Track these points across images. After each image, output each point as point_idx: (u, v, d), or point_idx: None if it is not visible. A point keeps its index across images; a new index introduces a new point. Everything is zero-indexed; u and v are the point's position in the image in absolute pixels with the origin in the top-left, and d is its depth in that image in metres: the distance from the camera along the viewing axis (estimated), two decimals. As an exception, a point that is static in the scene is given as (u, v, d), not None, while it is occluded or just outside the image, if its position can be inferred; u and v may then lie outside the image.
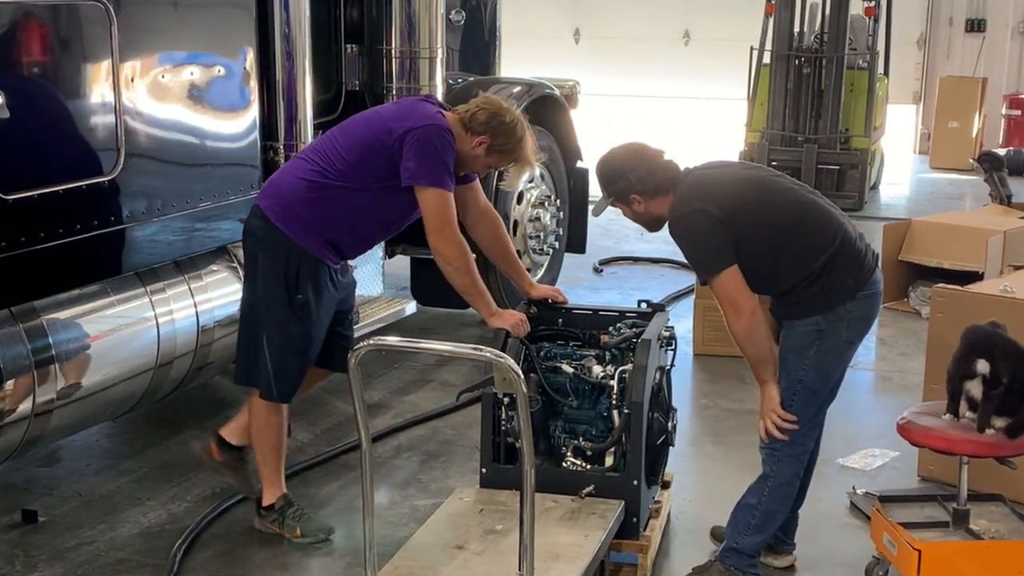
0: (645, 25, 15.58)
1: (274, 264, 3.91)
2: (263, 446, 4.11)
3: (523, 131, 4.00)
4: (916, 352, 6.16)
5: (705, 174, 3.74)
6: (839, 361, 3.71)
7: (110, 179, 4.07)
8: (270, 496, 4.14)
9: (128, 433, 5.13)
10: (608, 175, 3.80)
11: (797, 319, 3.66)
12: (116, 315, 4.24)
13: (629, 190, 3.75)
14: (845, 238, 3.65)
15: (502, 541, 3.51)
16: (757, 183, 3.72)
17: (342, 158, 3.90)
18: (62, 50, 3.95)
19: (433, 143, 3.82)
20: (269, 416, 4.06)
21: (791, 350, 3.68)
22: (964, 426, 3.66)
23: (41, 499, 4.44)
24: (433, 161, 3.82)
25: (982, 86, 13.37)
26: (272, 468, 4.13)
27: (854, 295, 3.63)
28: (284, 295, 3.91)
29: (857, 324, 3.68)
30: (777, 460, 3.73)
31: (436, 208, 3.86)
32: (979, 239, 6.59)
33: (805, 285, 3.62)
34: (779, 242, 3.62)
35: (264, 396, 4.03)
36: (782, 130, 10.46)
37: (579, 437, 4.01)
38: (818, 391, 3.70)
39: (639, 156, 3.78)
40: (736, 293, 3.58)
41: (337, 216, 3.91)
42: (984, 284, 5.05)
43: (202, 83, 4.45)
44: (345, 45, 5.57)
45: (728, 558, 3.81)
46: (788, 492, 3.78)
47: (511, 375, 2.86)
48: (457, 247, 3.90)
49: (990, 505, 3.90)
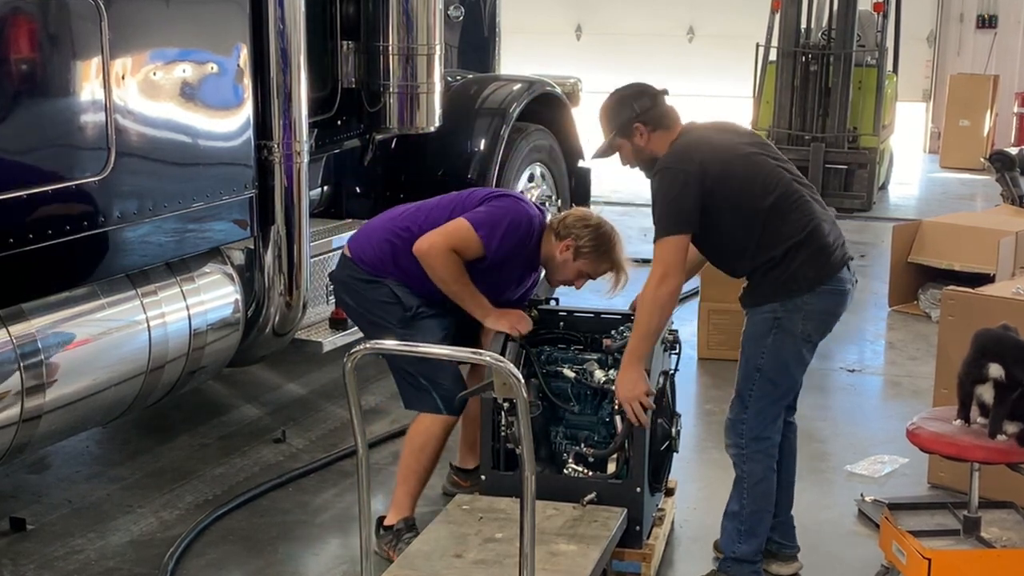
0: (648, 21, 15.54)
1: (364, 298, 4.05)
2: (409, 467, 4.06)
3: (612, 233, 4.12)
4: (926, 356, 6.15)
5: (706, 135, 3.78)
6: (798, 356, 3.75)
7: (100, 179, 4.02)
8: (394, 516, 4.07)
9: (118, 439, 5.11)
10: (613, 107, 3.81)
11: (756, 306, 3.74)
12: (106, 318, 4.20)
13: (634, 119, 3.75)
14: (816, 231, 3.70)
15: (502, 549, 3.49)
16: (748, 160, 3.74)
17: (429, 217, 4.02)
18: (51, 47, 3.91)
19: (506, 213, 3.95)
20: (428, 440, 4.02)
21: (749, 337, 3.76)
22: (975, 432, 3.64)
23: (30, 506, 4.42)
24: (493, 218, 3.93)
25: (993, 84, 13.34)
26: (407, 491, 4.07)
27: (813, 288, 3.68)
28: (387, 322, 4.00)
29: (816, 319, 3.71)
30: (746, 459, 3.79)
31: (449, 228, 3.92)
32: (991, 240, 6.56)
33: (765, 270, 3.69)
34: (752, 222, 3.68)
35: (434, 411, 4.01)
36: (788, 128, 10.45)
37: (581, 443, 4.00)
38: (776, 383, 3.75)
39: (644, 89, 3.83)
40: (676, 262, 3.64)
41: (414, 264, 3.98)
42: (996, 286, 5.04)
43: (194, 81, 4.42)
44: (341, 42, 5.51)
45: (729, 568, 3.83)
46: (765, 490, 3.81)
47: (511, 379, 2.84)
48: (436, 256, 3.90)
49: (1002, 512, 3.89)
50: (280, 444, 5.03)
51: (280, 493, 4.55)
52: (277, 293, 4.85)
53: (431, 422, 4.02)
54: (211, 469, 4.77)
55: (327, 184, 5.86)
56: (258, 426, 5.26)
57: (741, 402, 3.79)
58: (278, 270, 4.84)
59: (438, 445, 4.05)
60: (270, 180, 4.74)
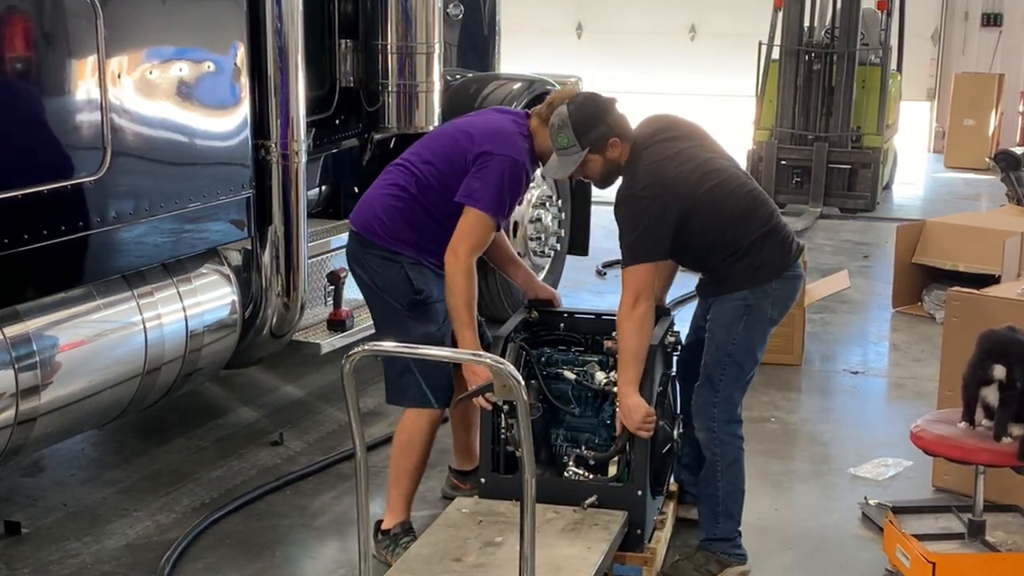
0: (650, 19, 15.53)
1: (378, 275, 3.96)
2: (399, 467, 4.03)
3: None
4: (930, 358, 6.12)
5: (665, 151, 3.77)
6: (762, 341, 3.89)
7: (96, 179, 4.01)
8: (390, 520, 4.03)
9: (115, 442, 5.09)
10: (586, 119, 3.76)
11: (726, 294, 3.83)
12: (102, 319, 4.18)
13: (608, 134, 3.75)
14: (778, 221, 3.86)
15: (501, 554, 3.49)
16: (710, 171, 3.78)
17: (425, 171, 3.93)
18: (46, 45, 3.89)
19: (503, 175, 3.82)
20: (414, 437, 3.99)
21: (720, 324, 3.84)
22: (980, 434, 3.65)
23: (24, 510, 4.39)
24: (495, 190, 3.81)
25: (999, 82, 13.34)
26: (401, 492, 4.03)
27: (780, 274, 3.83)
28: (396, 302, 3.94)
29: (780, 303, 3.86)
30: (718, 442, 3.87)
31: (471, 228, 3.83)
32: (995, 241, 6.53)
33: (732, 261, 3.80)
34: (719, 229, 3.78)
35: (420, 404, 3.96)
36: (792, 128, 10.43)
37: (581, 446, 3.99)
38: (743, 366, 3.86)
39: (607, 101, 3.82)
40: (647, 285, 3.73)
41: (425, 224, 3.91)
42: (1001, 287, 5.00)
43: (191, 80, 4.40)
44: (339, 40, 5.50)
45: (709, 546, 3.94)
46: (738, 470, 3.91)
47: (511, 381, 2.82)
48: (462, 272, 3.82)
49: (1007, 516, 3.90)
50: (278, 447, 5.01)
51: (278, 496, 4.53)
52: (275, 294, 4.84)
53: (416, 417, 3.99)
54: (208, 472, 4.74)
55: (325, 184, 5.84)
56: (255, 429, 5.24)
57: (711, 387, 3.85)
58: (275, 271, 4.82)
59: (424, 442, 4.00)
60: (267, 180, 4.73)
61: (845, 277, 7.07)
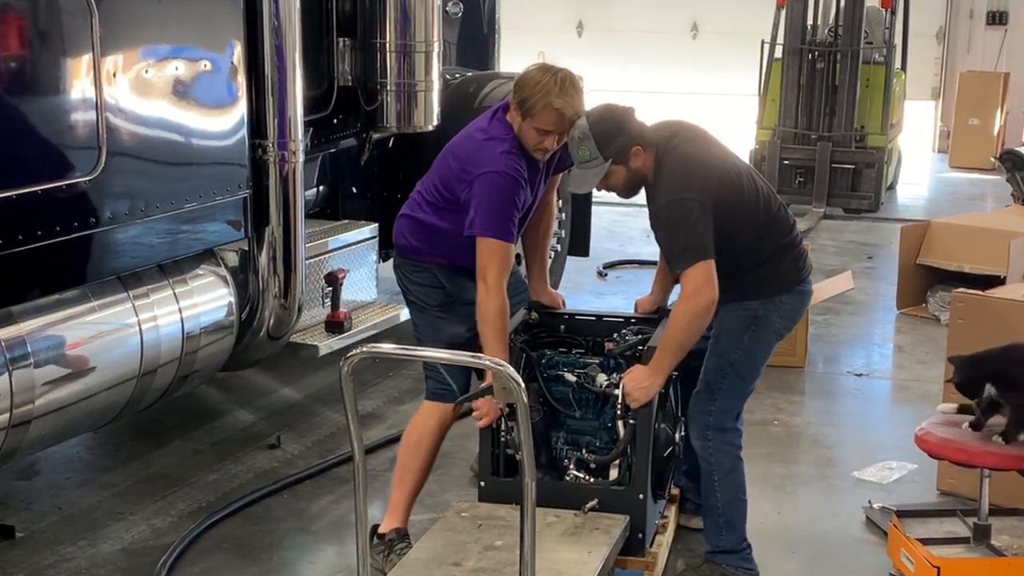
0: (651, 17, 15.51)
1: (410, 280, 4.04)
2: (405, 466, 4.02)
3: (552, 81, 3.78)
4: (935, 360, 6.10)
5: (694, 154, 3.75)
6: (766, 353, 3.87)
7: (91, 179, 4.00)
8: (388, 524, 4.01)
9: (110, 445, 5.08)
10: (608, 130, 3.71)
11: (736, 302, 3.77)
12: (97, 321, 4.18)
13: (630, 143, 3.71)
14: (796, 235, 3.88)
15: (502, 558, 3.47)
16: (739, 174, 3.79)
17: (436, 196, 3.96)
18: (40, 44, 3.88)
19: (489, 193, 3.79)
20: (423, 437, 3.99)
21: (725, 331, 3.81)
22: (985, 437, 3.65)
23: (19, 514, 4.39)
24: (493, 211, 3.79)
25: (1004, 81, 13.31)
26: (404, 494, 4.02)
27: (790, 288, 3.83)
28: (428, 303, 4.01)
29: (787, 317, 3.86)
30: (713, 451, 3.85)
31: (487, 256, 3.80)
32: (1001, 241, 6.50)
33: (750, 268, 3.78)
34: (748, 230, 3.77)
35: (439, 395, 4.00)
36: (795, 127, 10.40)
37: (582, 449, 3.97)
38: (746, 378, 3.84)
39: (626, 111, 3.77)
40: (706, 281, 3.61)
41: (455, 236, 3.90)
42: (1006, 288, 4.99)
43: (187, 79, 4.39)
44: (337, 39, 5.49)
45: (715, 557, 3.93)
46: (736, 479, 3.89)
47: (511, 384, 2.82)
48: (496, 307, 3.79)
49: (1012, 520, 3.92)
50: (275, 450, 5.00)
51: (275, 500, 4.52)
52: (272, 295, 4.83)
53: (428, 414, 4.00)
54: (204, 475, 4.74)
55: (323, 184, 5.84)
56: (252, 431, 5.23)
57: (710, 394, 3.83)
58: (273, 272, 4.80)
59: (432, 442, 4.00)
60: (265, 180, 4.72)
61: (849, 278, 7.06)
